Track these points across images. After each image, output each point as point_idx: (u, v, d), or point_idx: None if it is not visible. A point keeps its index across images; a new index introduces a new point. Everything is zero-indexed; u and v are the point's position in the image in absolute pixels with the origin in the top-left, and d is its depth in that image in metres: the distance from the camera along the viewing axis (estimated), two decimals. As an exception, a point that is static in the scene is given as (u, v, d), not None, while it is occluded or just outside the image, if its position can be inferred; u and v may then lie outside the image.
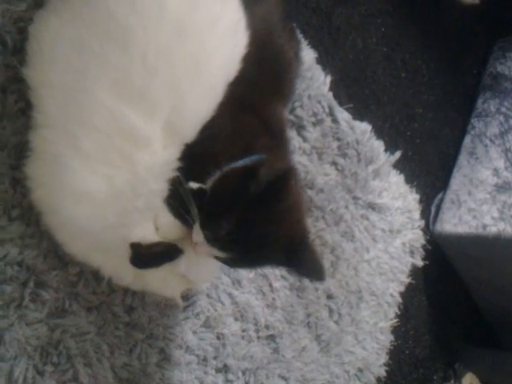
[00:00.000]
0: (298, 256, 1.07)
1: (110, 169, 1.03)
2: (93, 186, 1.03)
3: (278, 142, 1.20)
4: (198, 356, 1.41)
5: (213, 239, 1.04)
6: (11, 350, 1.12)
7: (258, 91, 1.16)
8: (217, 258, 1.08)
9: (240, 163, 1.06)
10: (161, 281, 1.20)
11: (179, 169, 1.07)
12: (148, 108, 1.02)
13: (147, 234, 1.09)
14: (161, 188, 1.07)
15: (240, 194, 1.02)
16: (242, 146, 1.11)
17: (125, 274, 1.18)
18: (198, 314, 1.41)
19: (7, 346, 1.11)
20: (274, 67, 1.21)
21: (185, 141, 1.07)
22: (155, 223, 1.11)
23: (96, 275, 1.22)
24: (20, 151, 1.10)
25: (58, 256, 1.18)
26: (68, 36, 1.01)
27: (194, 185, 1.06)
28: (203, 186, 1.06)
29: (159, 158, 1.05)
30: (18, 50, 1.09)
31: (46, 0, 1.06)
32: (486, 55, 2.38)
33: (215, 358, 1.45)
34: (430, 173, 2.17)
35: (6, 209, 1.11)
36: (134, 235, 1.08)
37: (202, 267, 1.23)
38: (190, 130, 1.07)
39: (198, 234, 1.06)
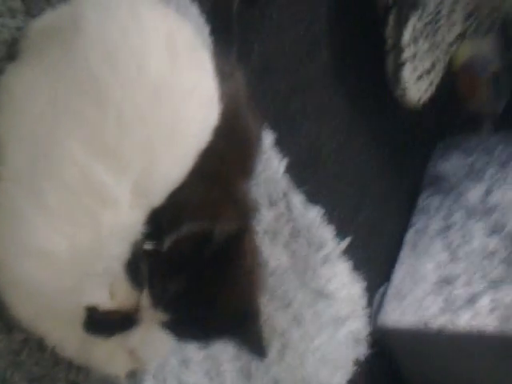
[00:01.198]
0: (244, 325, 1.04)
1: (74, 227, 1.00)
2: (53, 244, 0.99)
3: (243, 218, 1.20)
4: None
5: (159, 300, 1.00)
6: None
7: (226, 166, 1.18)
8: (163, 324, 1.02)
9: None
10: (106, 356, 1.13)
11: (143, 233, 1.04)
12: (119, 167, 1.00)
13: (102, 301, 1.03)
14: (122, 252, 1.03)
15: (192, 255, 1.00)
16: (207, 216, 1.09)
17: (70, 344, 1.11)
18: (142, 396, 1.34)
19: None
20: (240, 144, 1.23)
21: (152, 205, 1.05)
22: (111, 290, 1.06)
23: (40, 344, 1.15)
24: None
25: (2, 320, 1.10)
26: (42, 89, 1.00)
27: (148, 245, 1.03)
28: (158, 248, 1.03)
29: (125, 219, 1.02)
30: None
31: (19, 52, 1.06)
32: (427, 155, 2.47)
33: None
34: (375, 264, 2.20)
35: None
36: (88, 301, 1.03)
37: (154, 342, 1.18)
38: (158, 194, 1.05)
39: (145, 298, 1.01)
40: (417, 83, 2.07)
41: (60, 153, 0.98)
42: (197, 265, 1.00)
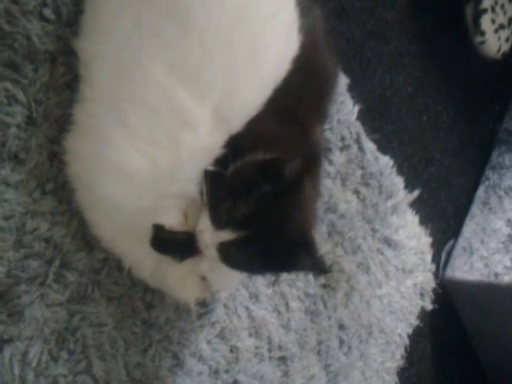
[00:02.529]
0: (302, 250, 1.03)
1: (155, 148, 1.01)
2: (136, 164, 1.00)
3: (315, 161, 1.19)
4: (210, 367, 1.35)
5: (225, 221, 1.00)
6: (29, 330, 1.07)
7: (303, 106, 1.16)
8: (221, 247, 1.02)
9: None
10: (178, 280, 1.15)
11: (218, 158, 1.04)
12: (200, 90, 1.00)
13: (175, 222, 1.04)
14: (198, 175, 1.04)
15: (254, 182, 1.00)
16: (280, 149, 1.09)
17: (144, 266, 1.14)
18: (213, 324, 1.36)
19: (25, 324, 1.06)
20: (317, 82, 1.21)
21: (230, 130, 1.05)
22: (185, 212, 1.07)
23: (119, 265, 1.18)
24: (62, 125, 1.07)
25: (85, 239, 1.13)
26: (127, 11, 1.01)
27: (211, 168, 1.04)
28: (222, 171, 1.04)
29: (203, 143, 1.03)
30: (72, 23, 1.08)
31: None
32: (502, 111, 2.40)
33: (226, 371, 1.39)
34: (443, 218, 2.16)
35: (41, 182, 1.07)
36: (162, 222, 1.04)
37: (224, 272, 1.19)
38: (237, 120, 1.05)
39: (204, 221, 1.02)
40: (497, 33, 2.01)
41: (143, 75, 0.99)
42: (258, 191, 0.99)
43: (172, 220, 1.04)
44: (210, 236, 1.01)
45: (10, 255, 1.03)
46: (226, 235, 0.99)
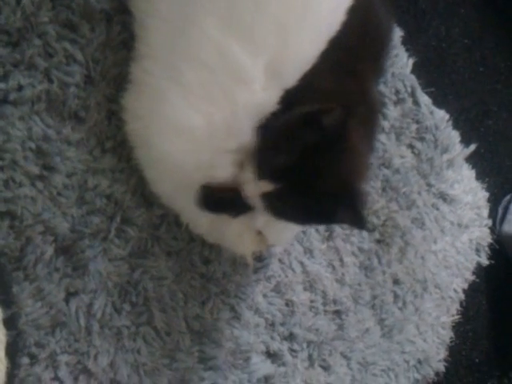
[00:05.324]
0: (346, 201, 1.00)
1: (211, 105, 1.01)
2: (193, 121, 1.01)
3: (369, 114, 1.18)
4: (266, 320, 1.38)
5: (266, 171, 0.99)
6: (93, 283, 1.11)
7: (359, 58, 1.14)
8: (265, 197, 1.01)
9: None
10: (235, 235, 1.17)
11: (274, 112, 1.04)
12: (254, 46, 1.00)
13: (232, 178, 1.05)
14: (253, 130, 1.04)
15: (298, 133, 0.98)
16: (330, 97, 1.08)
17: (201, 221, 1.16)
18: (269, 278, 1.39)
19: (90, 277, 1.10)
20: (373, 36, 1.19)
21: (285, 86, 1.04)
22: (242, 168, 1.08)
23: (178, 221, 1.20)
24: (119, 83, 1.09)
25: (144, 195, 1.16)
26: None
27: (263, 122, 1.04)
28: (273, 124, 1.04)
29: (259, 98, 1.03)
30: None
31: None
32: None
33: (282, 324, 1.41)
34: (500, 173, 2.12)
35: (100, 140, 1.10)
36: (218, 177, 1.06)
37: (278, 225, 1.21)
38: (291, 74, 1.05)
39: (248, 172, 1.02)
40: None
41: (197, 31, 1.00)
42: (299, 143, 0.98)
43: (228, 175, 1.05)
44: (252, 186, 1.01)
45: (73, 211, 1.07)
46: (267, 186, 0.99)
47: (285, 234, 1.26)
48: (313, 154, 0.97)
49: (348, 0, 1.08)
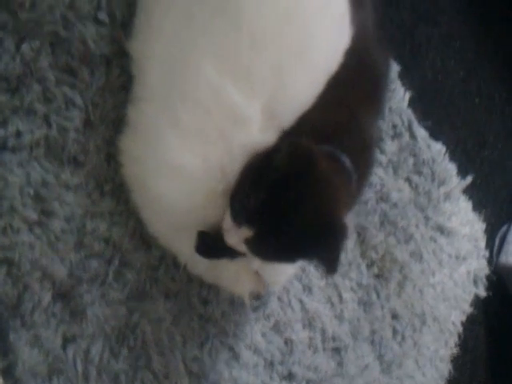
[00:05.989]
0: (321, 240, 0.98)
1: (207, 146, 1.01)
2: (188, 162, 1.01)
3: (364, 152, 1.17)
4: (265, 359, 1.37)
5: (240, 216, 0.97)
6: (90, 328, 1.10)
7: (355, 97, 1.14)
8: (247, 243, 0.99)
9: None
10: (232, 275, 1.17)
11: None
12: (251, 87, 1.00)
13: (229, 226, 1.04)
14: None
15: (265, 172, 0.96)
16: (328, 141, 1.07)
17: (199, 262, 1.15)
18: (268, 316, 1.38)
19: (87, 323, 1.09)
20: (370, 75, 1.19)
21: (282, 126, 1.04)
22: None
23: (175, 262, 1.20)
24: (118, 126, 1.09)
25: (142, 237, 1.15)
26: (177, 9, 1.01)
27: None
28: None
29: (255, 140, 1.03)
30: (125, 25, 1.08)
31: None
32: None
33: (281, 363, 1.40)
34: (497, 203, 2.12)
35: (99, 183, 1.09)
36: (223, 226, 1.04)
37: (275, 266, 1.20)
38: (288, 115, 1.05)
39: (227, 220, 1.00)
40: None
41: (194, 73, 1.00)
42: (265, 183, 0.96)
43: (227, 224, 1.04)
44: (234, 234, 0.99)
45: (71, 256, 1.06)
46: (247, 232, 0.97)
47: (281, 274, 1.26)
48: (279, 193, 0.95)
49: (346, 42, 1.08)
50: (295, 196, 0.95)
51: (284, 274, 1.27)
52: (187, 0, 1.01)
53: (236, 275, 1.17)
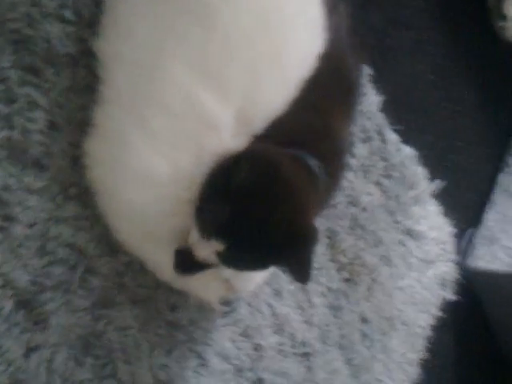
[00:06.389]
0: (291, 248, 0.97)
1: (176, 152, 0.99)
2: (157, 168, 0.98)
3: (336, 156, 1.16)
4: (234, 366, 1.35)
5: (208, 230, 0.95)
6: (54, 336, 1.06)
7: (328, 100, 1.13)
8: (218, 256, 0.98)
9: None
10: (201, 282, 1.15)
11: None
12: (223, 93, 0.98)
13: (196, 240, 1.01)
14: None
15: (230, 182, 0.94)
16: (296, 139, 1.06)
17: (167, 268, 1.12)
18: (237, 322, 1.36)
19: (51, 331, 1.05)
20: (343, 80, 1.18)
21: (254, 132, 1.02)
22: None
23: (143, 268, 1.17)
24: (84, 128, 1.05)
25: (108, 243, 1.12)
26: (146, 11, 0.98)
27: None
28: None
29: (226, 145, 1.00)
30: (92, 24, 1.05)
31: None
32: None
33: (250, 369, 1.38)
34: (464, 207, 2.13)
35: (64, 187, 1.06)
36: (190, 239, 1.02)
37: (246, 275, 1.18)
38: (261, 120, 1.03)
39: (194, 234, 0.98)
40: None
41: (164, 76, 0.97)
42: (231, 192, 0.94)
43: (194, 237, 1.01)
44: (203, 247, 0.97)
45: (34, 262, 1.03)
46: (217, 245, 0.95)
47: (252, 282, 1.24)
48: (246, 205, 0.94)
49: (319, 47, 1.06)
50: (261, 206, 0.94)
51: (254, 281, 1.25)
52: (156, 1, 0.98)
53: (205, 282, 1.15)
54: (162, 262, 1.11)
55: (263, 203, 0.94)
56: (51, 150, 1.03)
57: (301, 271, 1.02)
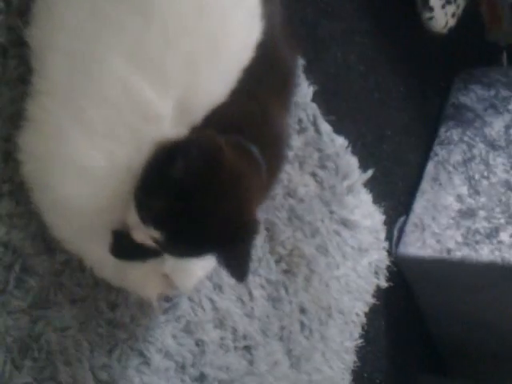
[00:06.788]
0: (230, 242, 0.97)
1: (114, 143, 0.96)
2: (93, 161, 0.95)
3: (275, 145, 1.16)
4: (176, 362, 1.33)
5: (146, 218, 0.93)
6: (-10, 340, 1.00)
7: (265, 89, 1.12)
8: (156, 242, 0.96)
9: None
10: (140, 278, 1.12)
11: None
12: (163, 82, 0.96)
13: (135, 222, 0.99)
14: None
15: (170, 169, 0.91)
16: (234, 128, 1.04)
17: (106, 265, 1.10)
18: (178, 318, 1.33)
19: (-13, 335, 1.00)
20: (279, 69, 1.18)
21: (193, 123, 1.01)
22: None
23: (81, 266, 1.13)
24: (16, 121, 1.00)
25: (45, 241, 1.08)
26: None
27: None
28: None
29: (166, 136, 0.98)
30: (23, 12, 1.00)
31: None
32: (448, 85, 2.42)
33: (193, 365, 1.36)
34: (395, 196, 2.18)
35: (-4, 184, 1.01)
36: (123, 221, 0.99)
37: (187, 270, 1.16)
38: (201, 110, 1.01)
39: (133, 216, 0.96)
40: (444, 8, 2.03)
41: (101, 67, 0.94)
42: (173, 180, 0.92)
43: (133, 220, 0.98)
44: (141, 232, 0.95)
45: (-34, 263, 0.97)
46: (155, 233, 0.93)
47: (193, 278, 1.21)
48: (186, 193, 0.92)
49: (257, 36, 1.05)
50: (203, 195, 0.92)
51: (195, 276, 1.23)
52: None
53: (144, 278, 1.12)
54: (100, 258, 1.08)
55: (205, 192, 0.92)
56: (-18, 145, 0.97)
57: (238, 267, 1.01)
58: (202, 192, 0.92)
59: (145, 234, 0.95)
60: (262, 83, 1.11)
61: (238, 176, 0.98)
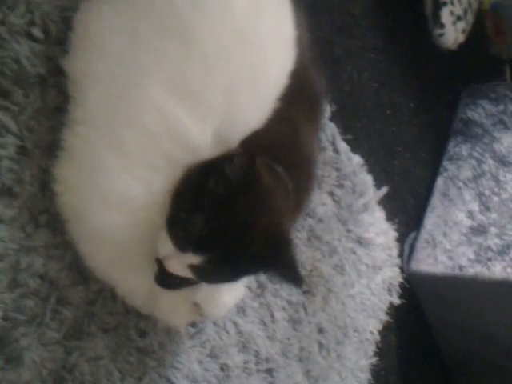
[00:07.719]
0: (276, 254, 0.95)
1: (151, 173, 0.95)
2: (131, 191, 0.94)
3: (304, 166, 1.16)
4: (202, 387, 1.31)
5: (185, 242, 0.91)
6: (27, 373, 1.00)
7: (297, 112, 1.12)
8: (193, 270, 0.94)
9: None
10: (170, 307, 1.11)
11: None
12: (202, 111, 0.95)
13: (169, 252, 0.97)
14: None
15: (206, 189, 0.91)
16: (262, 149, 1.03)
17: (138, 294, 1.09)
18: (204, 343, 1.33)
19: (24, 368, 0.99)
20: (309, 93, 1.17)
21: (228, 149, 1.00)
22: None
23: (113, 295, 1.12)
24: (53, 152, 0.99)
25: (79, 271, 1.07)
26: (121, 26, 0.94)
27: None
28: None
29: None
30: (61, 41, 0.99)
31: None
32: (456, 100, 2.43)
33: (218, 390, 1.35)
34: (406, 211, 2.18)
35: (33, 215, 1.00)
36: (161, 252, 0.98)
37: (218, 299, 1.16)
38: (237, 140, 1.01)
39: (164, 245, 0.93)
40: (455, 24, 2.04)
41: (140, 95, 0.93)
42: (213, 198, 0.91)
43: (167, 249, 0.97)
44: (176, 261, 0.93)
45: (5, 297, 0.96)
46: (193, 258, 0.91)
47: (223, 307, 1.21)
48: (225, 213, 0.90)
49: (291, 63, 1.05)
50: (243, 209, 0.91)
51: (226, 306, 1.22)
52: (131, 16, 0.94)
53: (174, 306, 1.11)
54: (132, 287, 1.07)
55: (245, 205, 0.91)
56: (21, 176, 0.96)
57: (291, 274, 0.98)
58: (242, 206, 0.91)
59: (181, 263, 0.93)
60: (293, 107, 1.11)
61: (272, 191, 0.97)
